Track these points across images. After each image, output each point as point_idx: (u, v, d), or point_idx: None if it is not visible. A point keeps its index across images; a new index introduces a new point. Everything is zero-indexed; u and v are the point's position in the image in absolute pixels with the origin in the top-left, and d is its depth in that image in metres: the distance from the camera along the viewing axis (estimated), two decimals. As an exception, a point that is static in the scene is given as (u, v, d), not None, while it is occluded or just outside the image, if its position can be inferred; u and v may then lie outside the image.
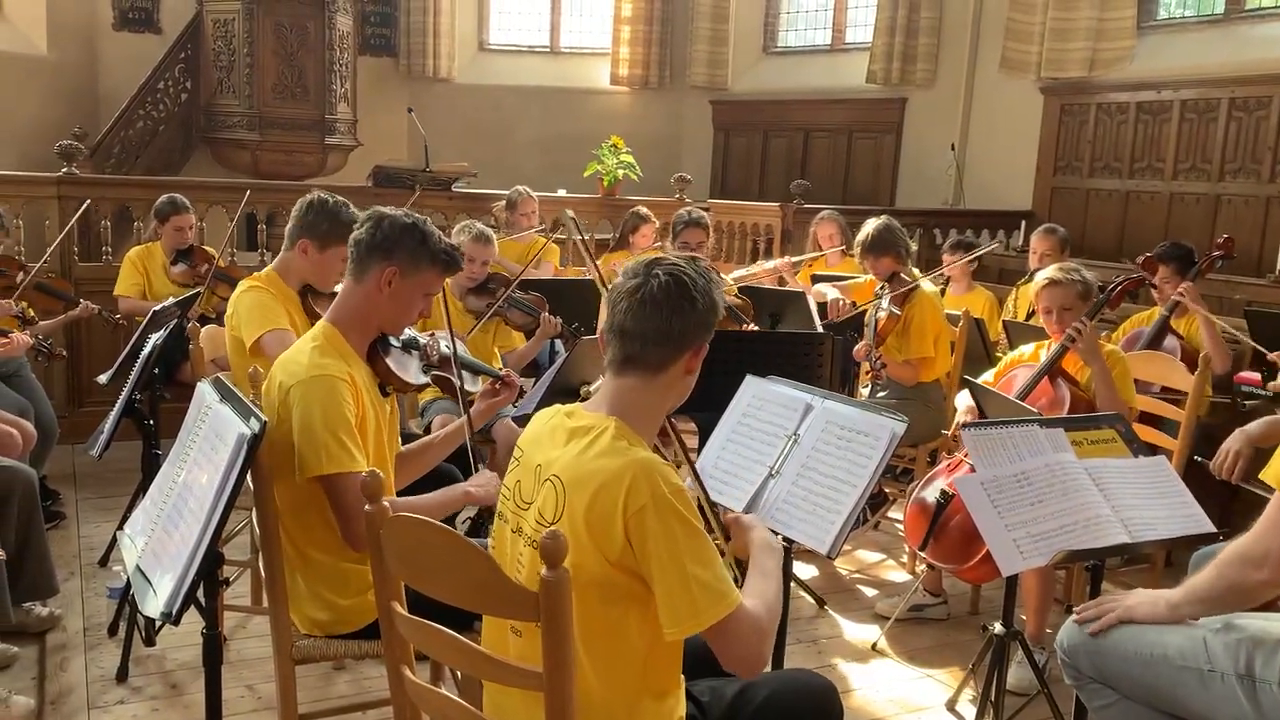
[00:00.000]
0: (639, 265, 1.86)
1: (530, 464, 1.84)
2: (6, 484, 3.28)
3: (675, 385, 1.88)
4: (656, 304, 1.79)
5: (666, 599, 1.66)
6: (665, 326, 1.80)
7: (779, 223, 7.06)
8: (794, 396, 2.60)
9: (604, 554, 1.68)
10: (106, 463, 3.72)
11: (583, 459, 1.74)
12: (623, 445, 1.74)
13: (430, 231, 2.47)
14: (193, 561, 1.87)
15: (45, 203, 5.72)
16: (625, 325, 1.82)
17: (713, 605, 1.66)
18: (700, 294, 1.82)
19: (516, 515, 1.84)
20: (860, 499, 2.36)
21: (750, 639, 1.71)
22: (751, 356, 3.83)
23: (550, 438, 1.84)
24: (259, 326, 3.23)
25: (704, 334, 1.86)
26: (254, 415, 1.96)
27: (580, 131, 9.43)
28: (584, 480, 1.71)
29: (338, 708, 2.99)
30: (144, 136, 8.66)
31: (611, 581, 1.69)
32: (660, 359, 1.83)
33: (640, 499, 1.66)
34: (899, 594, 4.01)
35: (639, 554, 1.67)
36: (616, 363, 1.85)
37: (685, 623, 1.66)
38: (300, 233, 3.23)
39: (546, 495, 1.76)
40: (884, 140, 9.53)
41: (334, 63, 8.83)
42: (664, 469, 1.71)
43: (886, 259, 4.46)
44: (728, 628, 1.68)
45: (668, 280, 1.81)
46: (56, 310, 4.72)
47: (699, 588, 1.65)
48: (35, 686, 3.16)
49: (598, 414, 1.82)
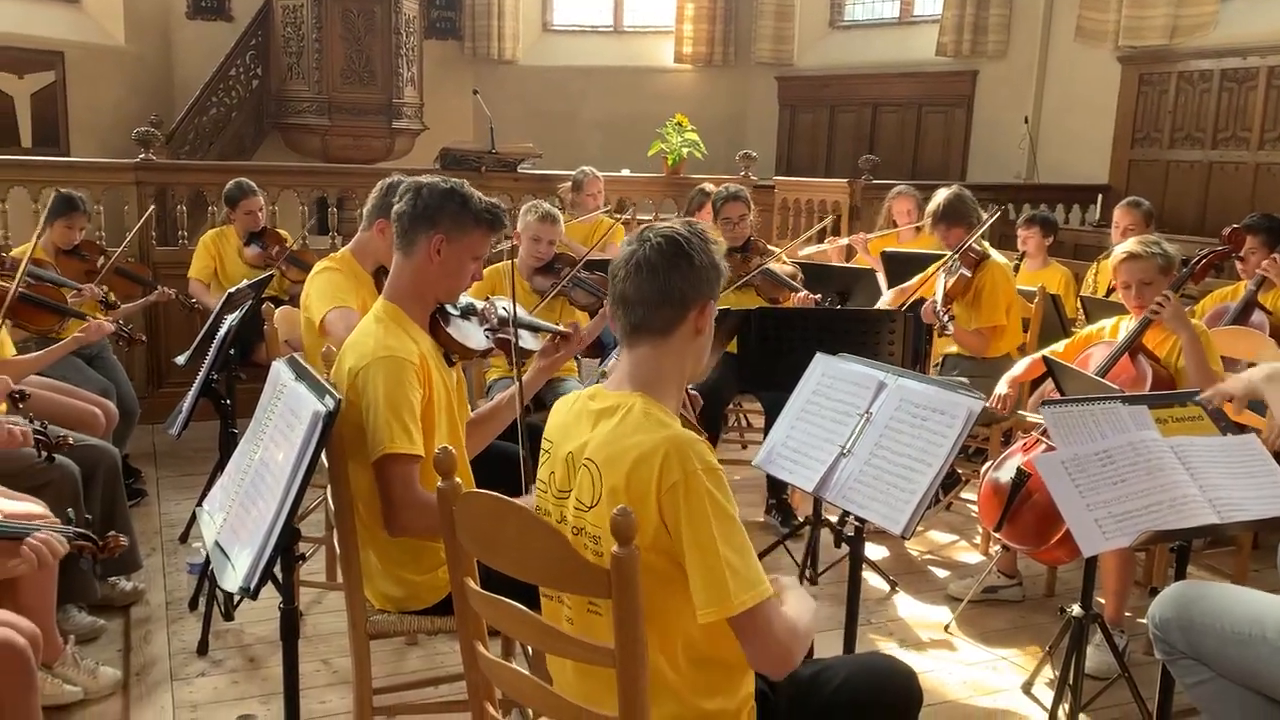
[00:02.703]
0: (633, 235, 1.85)
1: (561, 453, 1.82)
2: (91, 462, 3.38)
3: (689, 348, 1.84)
4: (652, 266, 1.77)
5: (698, 578, 1.62)
6: (664, 287, 1.78)
7: (847, 199, 6.95)
8: (866, 374, 2.56)
9: (640, 537, 1.62)
10: (185, 442, 3.82)
11: (615, 437, 1.72)
12: (655, 419, 1.72)
13: (470, 194, 2.45)
14: (270, 537, 1.90)
15: (124, 189, 5.87)
16: (626, 293, 1.80)
17: (743, 591, 1.60)
18: (696, 251, 1.79)
19: (558, 506, 1.82)
20: (936, 478, 2.31)
21: (782, 635, 1.65)
22: (819, 335, 3.79)
23: (577, 424, 1.82)
24: (325, 304, 3.28)
25: (706, 291, 1.82)
26: (328, 393, 1.98)
27: (644, 111, 9.38)
28: (618, 458, 1.69)
29: (410, 682, 3.03)
30: (217, 123, 8.82)
31: (649, 565, 1.63)
32: (665, 321, 1.80)
33: (673, 475, 1.63)
34: (972, 575, 3.95)
35: (673, 532, 1.64)
36: (626, 334, 1.83)
37: (716, 604, 1.61)
38: (378, 213, 3.27)
39: (582, 480, 1.74)
40: (954, 114, 9.33)
41: (400, 47, 8.89)
42: (699, 445, 1.68)
43: (958, 229, 4.38)
44: (757, 618, 1.62)
45: (660, 241, 1.79)
46: (136, 294, 4.84)
47: (730, 571, 1.60)
48: (121, 658, 3.25)
49: (620, 392, 1.80)
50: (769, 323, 3.95)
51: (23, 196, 5.61)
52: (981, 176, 8.79)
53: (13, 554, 1.79)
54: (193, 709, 2.98)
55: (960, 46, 8.93)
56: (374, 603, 2.44)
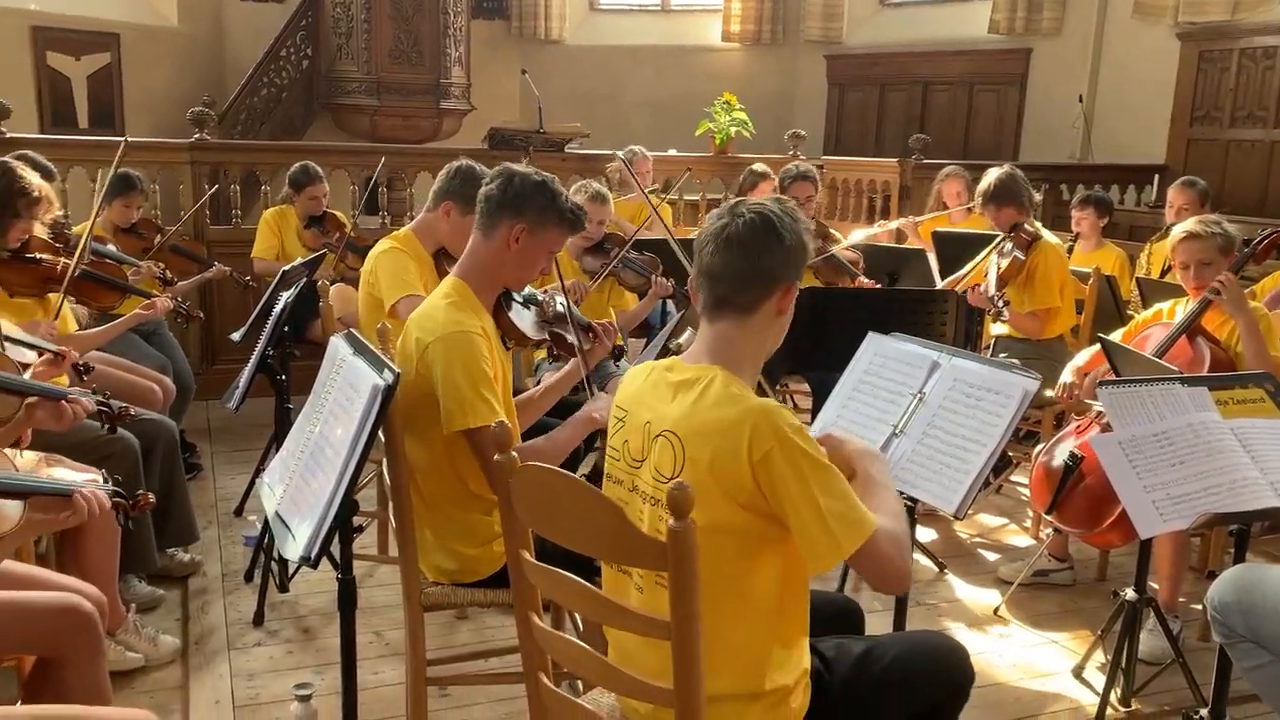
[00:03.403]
0: (724, 208, 1.84)
1: (637, 422, 1.83)
2: (150, 435, 3.45)
3: (770, 327, 1.85)
4: (743, 243, 1.77)
5: (805, 536, 1.66)
6: (753, 265, 1.78)
7: (897, 179, 6.88)
8: (919, 354, 2.54)
9: (734, 499, 1.68)
10: (239, 417, 3.89)
11: (697, 411, 1.73)
12: (735, 393, 1.73)
13: (559, 191, 2.50)
14: (330, 508, 1.93)
15: (179, 168, 5.96)
16: (713, 267, 1.80)
17: (850, 534, 1.66)
18: (787, 231, 1.79)
19: (630, 474, 1.84)
20: (990, 459, 2.29)
21: (893, 556, 1.70)
22: (870, 314, 3.77)
23: (654, 393, 1.83)
24: (397, 290, 3.32)
25: (793, 272, 1.83)
26: (387, 367, 2.01)
27: (691, 90, 9.34)
28: (702, 431, 1.70)
29: (461, 655, 3.07)
30: (268, 104, 8.91)
31: (747, 528, 1.69)
32: (751, 299, 1.80)
33: (764, 444, 1.65)
34: (1021, 559, 3.92)
35: (770, 497, 1.67)
36: (709, 308, 1.83)
37: (827, 555, 1.66)
38: (445, 195, 3.29)
39: (661, 451, 1.76)
40: (1007, 92, 9.19)
41: (448, 27, 8.92)
42: (782, 410, 1.70)
43: (1009, 209, 4.32)
44: (868, 552, 1.67)
45: (753, 218, 1.78)
46: (191, 271, 4.91)
47: (835, 520, 1.65)
48: (179, 627, 3.33)
49: (699, 365, 1.81)
50: (818, 303, 3.92)
51: (81, 176, 5.72)
52: (1034, 156, 8.66)
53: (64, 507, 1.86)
54: (249, 678, 3.05)
55: (1014, 24, 8.78)
56: (428, 575, 2.47)
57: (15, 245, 3.43)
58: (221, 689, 2.97)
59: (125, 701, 2.80)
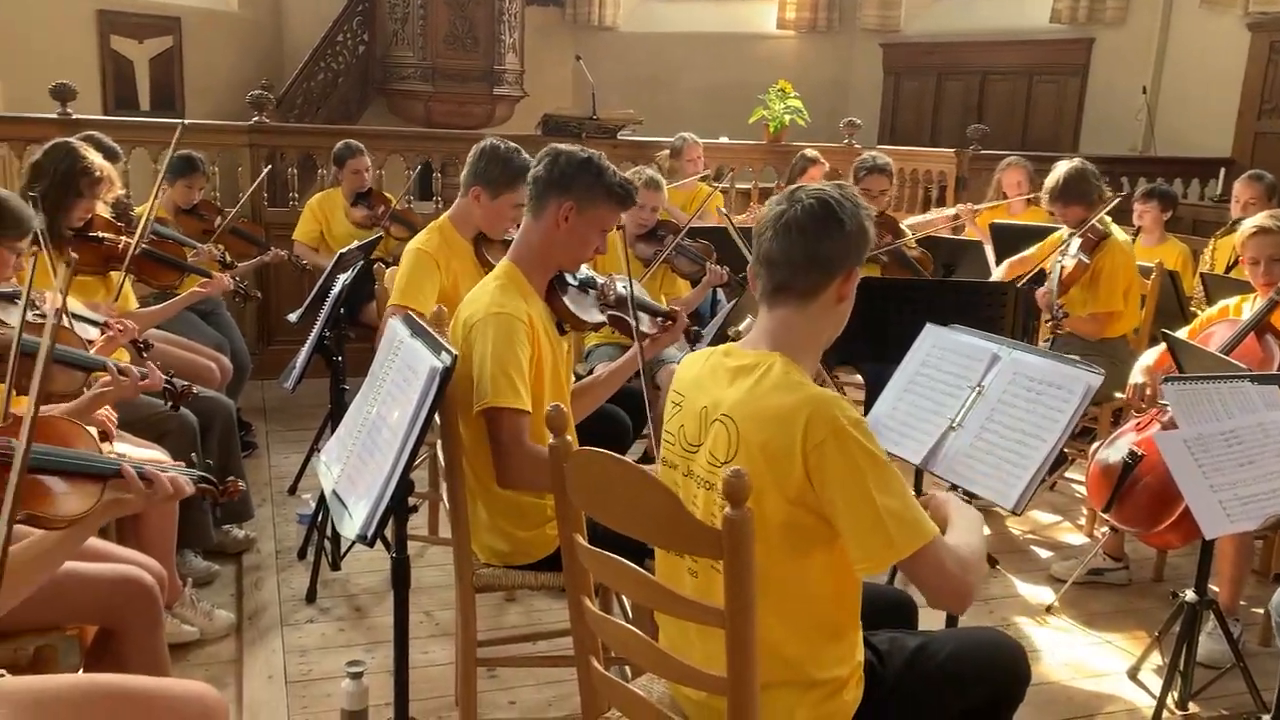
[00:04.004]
0: (783, 194, 1.83)
1: (694, 407, 1.82)
2: (208, 413, 3.50)
3: (830, 314, 1.83)
4: (802, 228, 1.75)
5: (855, 532, 1.62)
6: (813, 250, 1.76)
7: (954, 169, 6.79)
8: (979, 346, 2.50)
9: (784, 492, 1.65)
10: (293, 397, 3.94)
11: (754, 395, 1.72)
12: (795, 379, 1.72)
13: (605, 166, 2.47)
14: (387, 488, 1.95)
15: (238, 151, 6.04)
16: (772, 253, 1.78)
17: (906, 534, 1.61)
18: (848, 217, 1.77)
19: (685, 459, 1.84)
20: (1050, 454, 2.25)
21: (953, 570, 1.65)
22: (925, 306, 3.71)
23: (712, 378, 1.82)
24: (397, 297, 3.28)
25: (854, 258, 1.80)
26: (444, 349, 2.02)
27: (744, 78, 9.28)
28: (758, 416, 1.69)
29: (510, 637, 3.09)
30: (324, 89, 9.00)
31: (795, 522, 1.66)
32: (810, 285, 1.78)
33: (820, 433, 1.62)
34: (1075, 557, 3.86)
35: (819, 490, 1.64)
36: (768, 294, 1.82)
37: (879, 554, 1.62)
38: (473, 179, 3.25)
39: (717, 435, 1.75)
40: (1068, 83, 9.03)
41: (503, 13, 8.94)
42: (841, 402, 1.68)
43: (1077, 206, 4.20)
44: (926, 558, 1.62)
45: (812, 204, 1.76)
46: (250, 254, 4.98)
47: (891, 518, 1.61)
48: (234, 603, 3.38)
49: (758, 351, 1.79)
50: (872, 293, 3.86)
51: (143, 157, 5.81)
52: (1095, 148, 8.49)
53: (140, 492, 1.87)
54: (302, 654, 3.09)
55: (1076, 13, 8.63)
56: (480, 557, 2.49)
57: (79, 224, 3.49)
58: (274, 664, 3.02)
59: (181, 674, 2.84)
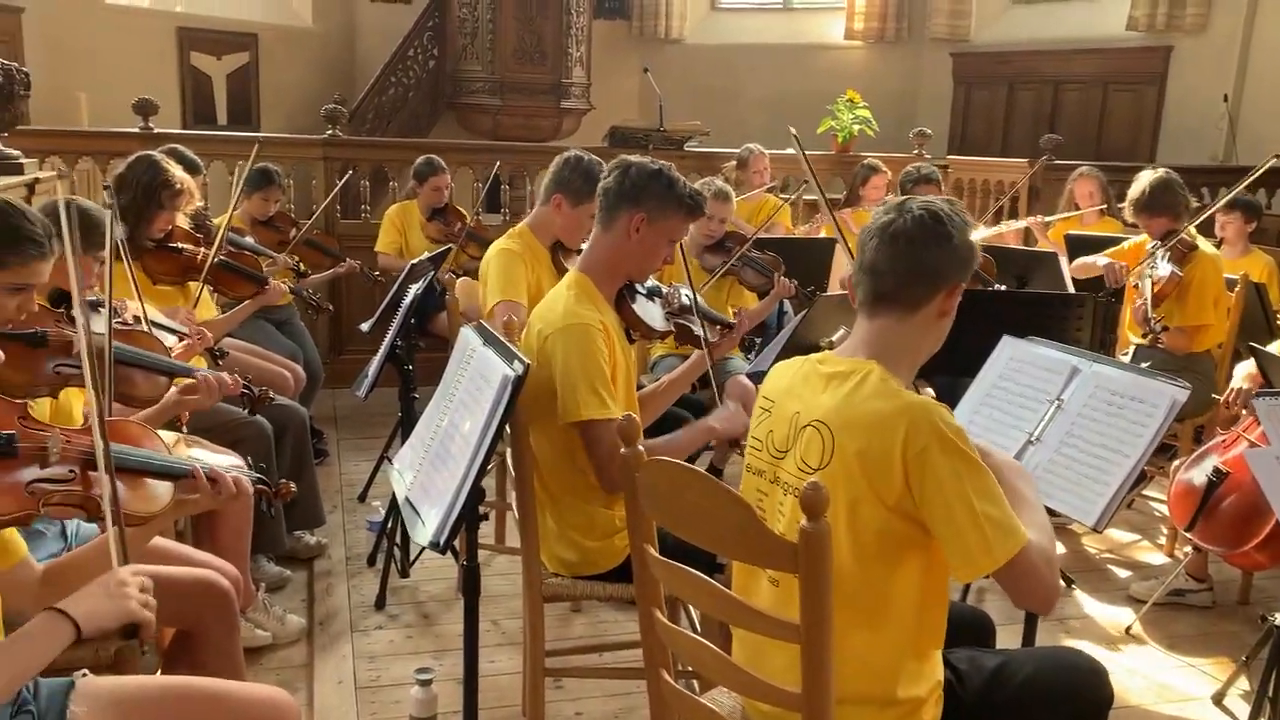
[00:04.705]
0: (892, 204, 1.81)
1: (785, 413, 1.81)
2: (282, 421, 3.56)
3: (931, 328, 1.81)
4: (910, 238, 1.73)
5: (956, 540, 1.60)
6: (919, 261, 1.74)
7: (1026, 180, 6.66)
8: (1058, 359, 2.45)
9: (881, 498, 1.63)
10: (364, 406, 4.00)
11: (851, 402, 1.70)
12: (892, 388, 1.70)
13: (676, 177, 2.48)
14: (459, 495, 1.96)
15: (312, 163, 6.16)
16: (876, 263, 1.76)
17: (1005, 542, 1.60)
18: (956, 230, 1.75)
19: (773, 465, 1.82)
20: (1133, 470, 2.20)
21: (1044, 571, 1.64)
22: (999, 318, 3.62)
23: (805, 385, 1.80)
24: (497, 294, 3.35)
25: (960, 272, 1.78)
26: (517, 358, 2.02)
27: (811, 89, 9.22)
28: (855, 423, 1.67)
29: (576, 647, 3.09)
30: (395, 103, 9.14)
31: (890, 529, 1.64)
32: (914, 296, 1.76)
33: (921, 440, 1.61)
34: (1155, 577, 3.74)
35: (918, 497, 1.62)
36: (868, 303, 1.80)
37: (979, 561, 1.60)
38: (555, 188, 3.30)
39: (809, 442, 1.73)
40: (1145, 92, 8.81)
41: (570, 27, 9.00)
42: (941, 409, 1.66)
43: (1162, 218, 4.09)
44: (1021, 564, 1.61)
45: (922, 214, 1.74)
46: (324, 265, 5.06)
47: (991, 525, 1.59)
48: (305, 608, 3.43)
49: (854, 359, 1.78)
50: (945, 304, 3.80)
51: (220, 170, 5.96)
52: (1173, 158, 8.27)
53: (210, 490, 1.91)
54: (371, 660, 3.12)
55: (1154, 20, 8.42)
56: (548, 566, 2.49)
57: (159, 235, 3.58)
58: (344, 670, 3.05)
59: (253, 677, 2.88)
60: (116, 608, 1.61)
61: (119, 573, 1.64)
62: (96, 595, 1.62)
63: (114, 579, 1.63)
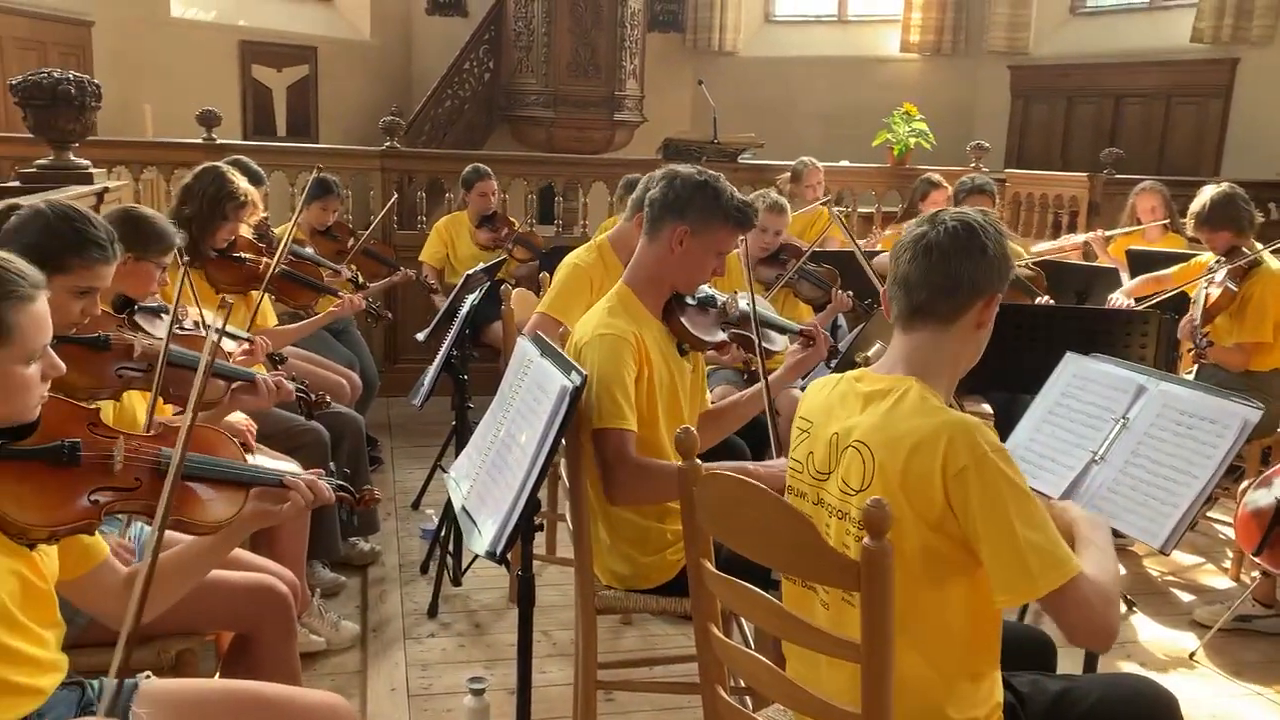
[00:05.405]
0: (924, 217, 1.79)
1: (824, 434, 1.78)
2: (339, 427, 3.60)
3: (969, 340, 1.78)
4: (944, 250, 1.71)
5: (996, 564, 1.57)
6: (954, 273, 1.71)
7: (1086, 194, 6.55)
8: (1124, 377, 2.39)
9: (924, 519, 1.61)
10: (418, 414, 4.02)
11: (891, 421, 1.67)
12: (933, 404, 1.67)
13: (723, 188, 2.44)
14: (516, 506, 1.96)
15: (370, 174, 6.24)
16: (910, 275, 1.74)
17: (1049, 570, 1.55)
18: (991, 241, 1.73)
19: (815, 487, 1.80)
20: (1203, 492, 2.13)
21: (1096, 606, 1.58)
22: (1060, 334, 3.57)
23: (842, 405, 1.78)
24: (545, 304, 3.35)
25: (996, 284, 1.75)
26: (574, 369, 2.02)
27: (866, 101, 9.17)
28: (896, 442, 1.64)
29: (626, 661, 3.07)
30: (451, 115, 9.24)
31: (934, 550, 1.61)
32: (950, 309, 1.73)
33: (960, 460, 1.58)
34: (1220, 601, 3.64)
35: (962, 518, 1.59)
36: (904, 318, 1.77)
37: (1019, 588, 1.56)
38: (639, 205, 3.28)
39: (850, 463, 1.71)
40: (1209, 105, 8.63)
41: (624, 40, 9.04)
42: (982, 427, 1.62)
43: (1226, 232, 4.01)
44: (1069, 595, 1.56)
45: (955, 226, 1.72)
46: (380, 274, 5.13)
47: (1032, 551, 1.55)
48: (358, 614, 3.46)
49: (893, 375, 1.75)
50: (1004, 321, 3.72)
51: (280, 180, 6.06)
52: (1238, 173, 8.06)
53: (283, 499, 1.93)
54: (423, 668, 3.13)
55: (1220, 32, 8.24)
56: (601, 579, 2.48)
57: (223, 245, 3.65)
58: (397, 677, 3.07)
59: (307, 683, 2.89)
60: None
61: None
62: None
63: None
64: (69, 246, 2.14)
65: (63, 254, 2.12)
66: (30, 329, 1.58)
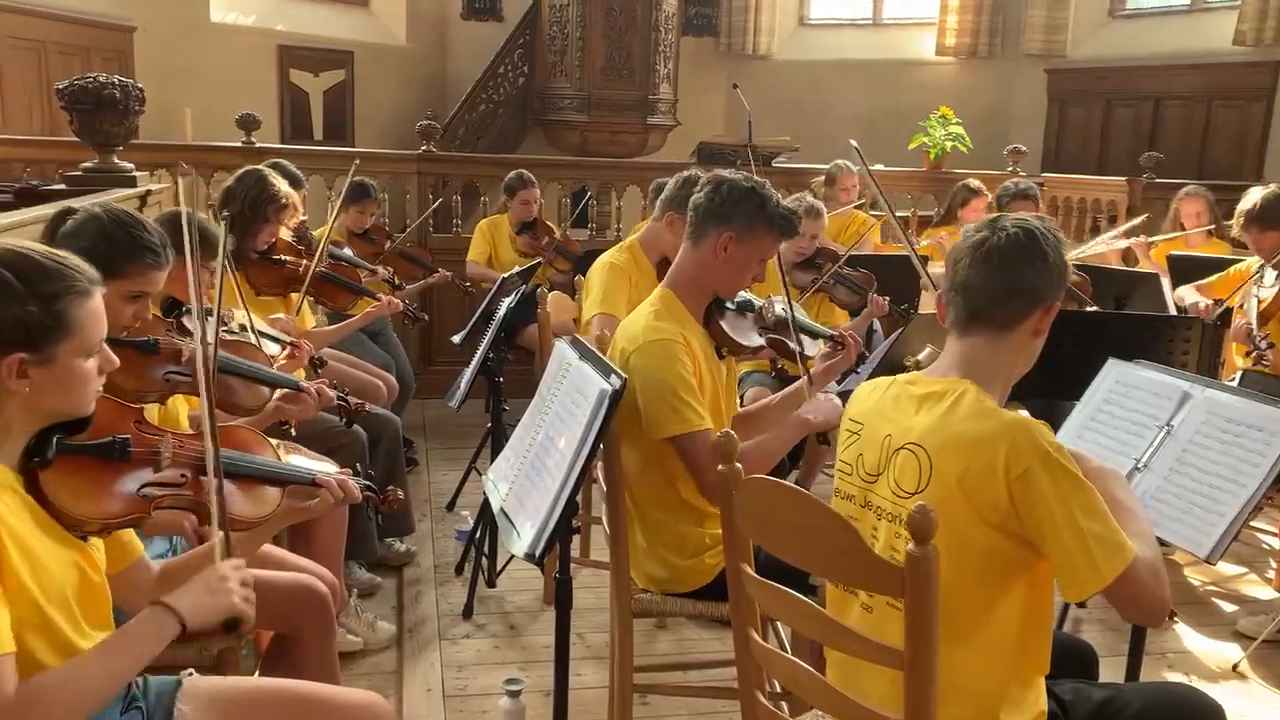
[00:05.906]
0: (983, 222, 1.78)
1: (876, 435, 1.78)
2: (377, 429, 3.63)
3: (1025, 347, 1.78)
4: (1004, 256, 1.71)
5: (1064, 560, 1.57)
6: (1014, 279, 1.71)
7: (1124, 198, 6.48)
8: (1168, 383, 2.36)
9: (985, 519, 1.61)
10: (453, 416, 4.04)
11: (948, 423, 1.67)
12: (989, 407, 1.67)
13: (769, 195, 2.44)
14: (555, 508, 1.96)
15: (406, 178, 6.29)
16: (969, 281, 1.73)
17: (1112, 559, 1.57)
18: (1051, 248, 1.72)
19: (864, 489, 1.79)
20: (1250, 502, 2.11)
21: (1152, 585, 1.60)
22: (1100, 340, 3.52)
23: (895, 407, 1.78)
24: (596, 305, 3.38)
25: (1055, 291, 1.75)
26: (614, 373, 2.03)
27: (901, 105, 9.12)
28: (954, 444, 1.64)
29: (661, 664, 3.07)
30: (485, 119, 9.29)
31: (997, 550, 1.61)
32: (1008, 315, 1.73)
33: (1024, 461, 1.58)
34: (1265, 613, 3.58)
35: (1025, 517, 1.59)
36: (960, 322, 1.77)
37: (1087, 582, 1.57)
38: (669, 205, 3.29)
39: (904, 465, 1.70)
40: (1251, 108, 8.50)
41: (658, 44, 9.04)
42: (1040, 426, 1.63)
43: (1274, 232, 3.95)
44: (1128, 579, 1.57)
45: (1016, 232, 1.72)
46: (416, 276, 5.16)
47: (1096, 543, 1.56)
48: (395, 615, 3.48)
49: (947, 378, 1.75)
50: (1041, 326, 3.71)
51: (318, 183, 6.11)
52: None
53: (311, 496, 1.96)
54: (459, 669, 3.14)
55: (1262, 34, 8.12)
56: (637, 582, 2.48)
57: (263, 247, 3.68)
58: (433, 678, 3.08)
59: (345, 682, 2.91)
60: (218, 602, 1.65)
61: (220, 567, 1.68)
62: (199, 590, 1.66)
63: (215, 574, 1.67)
64: (124, 251, 2.18)
65: (118, 259, 2.16)
66: (89, 323, 1.61)
